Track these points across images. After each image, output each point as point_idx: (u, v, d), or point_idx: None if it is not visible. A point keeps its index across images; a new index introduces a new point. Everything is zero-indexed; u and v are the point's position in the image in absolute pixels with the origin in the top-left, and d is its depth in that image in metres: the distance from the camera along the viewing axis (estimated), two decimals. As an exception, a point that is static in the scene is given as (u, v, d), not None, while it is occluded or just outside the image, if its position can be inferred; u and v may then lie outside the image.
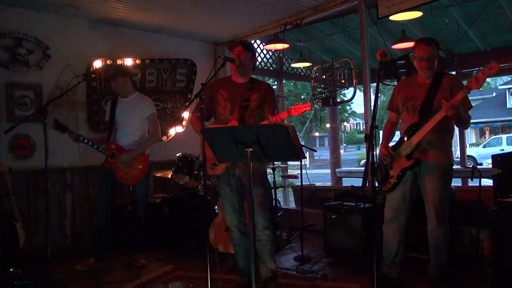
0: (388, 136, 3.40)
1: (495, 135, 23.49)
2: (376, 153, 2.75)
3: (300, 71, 8.98)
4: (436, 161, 3.08)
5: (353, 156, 24.79)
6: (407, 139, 3.12)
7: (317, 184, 7.04)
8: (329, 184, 10.20)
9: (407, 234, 3.30)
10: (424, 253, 3.72)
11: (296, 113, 3.08)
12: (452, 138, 3.23)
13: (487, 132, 25.70)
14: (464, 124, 3.05)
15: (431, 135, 3.01)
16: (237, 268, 3.56)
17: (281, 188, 6.43)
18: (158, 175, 5.06)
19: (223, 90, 3.32)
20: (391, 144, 3.34)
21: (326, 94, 5.95)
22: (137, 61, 5.50)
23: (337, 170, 9.67)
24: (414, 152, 3.08)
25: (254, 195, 2.62)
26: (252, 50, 3.37)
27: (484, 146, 20.83)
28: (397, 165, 3.19)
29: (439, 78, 3.11)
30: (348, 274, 3.73)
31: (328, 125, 9.74)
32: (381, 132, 3.66)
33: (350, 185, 4.87)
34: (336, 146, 10.00)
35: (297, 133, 2.46)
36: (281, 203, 5.97)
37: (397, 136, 3.39)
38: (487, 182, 3.94)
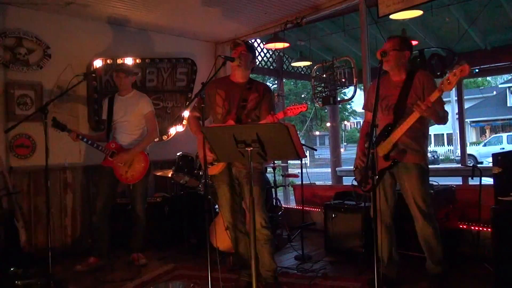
0: (365, 137, 3.42)
1: (496, 133, 23.48)
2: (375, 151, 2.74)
3: (300, 70, 8.98)
4: (412, 162, 3.08)
5: (354, 155, 24.60)
6: (384, 140, 3.12)
7: (318, 183, 7.04)
8: (329, 183, 10.21)
9: (407, 233, 3.30)
10: (422, 251, 3.72)
11: (292, 114, 3.08)
12: (427, 139, 3.25)
13: (487, 131, 25.70)
14: (442, 121, 3.06)
15: (407, 135, 3.02)
16: (237, 267, 3.56)
17: (281, 187, 6.43)
18: (158, 174, 5.07)
19: (221, 90, 3.32)
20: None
21: (326, 93, 5.94)
22: (138, 60, 5.50)
23: (337, 169, 9.68)
24: (391, 152, 3.08)
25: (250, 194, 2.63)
26: (253, 52, 3.39)
27: (485, 145, 20.83)
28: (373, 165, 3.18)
29: (411, 76, 3.11)
30: (348, 273, 3.73)
31: (328, 124, 9.76)
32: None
33: (350, 184, 4.85)
34: (337, 145, 10.00)
35: (298, 132, 2.45)
36: (282, 202, 5.97)
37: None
38: (487, 180, 3.94)
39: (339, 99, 6.14)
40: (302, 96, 24.18)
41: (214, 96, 3.33)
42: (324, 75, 5.97)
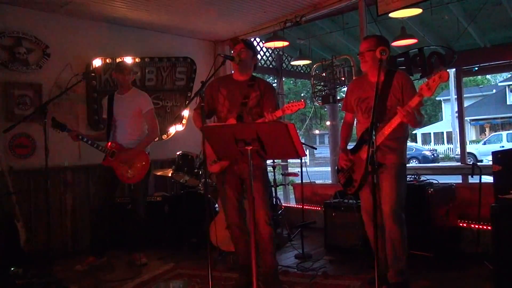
0: (346, 138, 3.42)
1: (495, 132, 23.48)
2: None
3: (300, 68, 8.98)
4: (393, 161, 3.06)
5: (353, 154, 24.68)
6: (366, 144, 3.06)
7: (318, 181, 7.04)
8: (329, 181, 10.20)
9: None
10: (422, 250, 3.74)
11: (290, 111, 3.05)
12: (407, 138, 3.25)
13: (487, 129, 25.70)
14: (419, 125, 3.05)
15: (388, 138, 2.98)
16: (238, 266, 3.56)
17: (281, 186, 6.43)
18: (158, 173, 5.07)
19: (223, 88, 3.32)
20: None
21: (326, 91, 5.94)
22: (137, 60, 5.49)
23: (337, 167, 9.64)
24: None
25: (254, 191, 2.62)
26: (254, 49, 3.37)
27: (484, 143, 20.84)
28: (358, 169, 3.15)
29: (390, 76, 3.08)
30: (348, 272, 3.73)
31: (328, 123, 9.72)
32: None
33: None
34: (336, 144, 9.94)
35: (297, 131, 2.45)
36: (282, 201, 5.97)
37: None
38: (487, 179, 3.94)
39: (338, 97, 6.12)
40: (302, 94, 24.17)
41: (216, 94, 3.33)
42: (324, 74, 5.96)
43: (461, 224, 4.12)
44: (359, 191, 3.22)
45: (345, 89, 6.52)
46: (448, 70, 2.65)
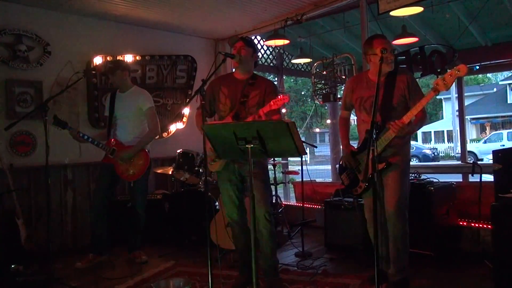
0: (347, 134, 3.41)
1: (496, 130, 23.47)
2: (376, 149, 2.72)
3: (300, 67, 8.98)
4: (399, 159, 3.06)
5: (354, 152, 24.64)
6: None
7: (318, 180, 7.04)
8: (329, 180, 10.22)
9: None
10: (422, 248, 3.74)
11: (277, 106, 3.03)
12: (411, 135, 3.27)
13: (487, 128, 25.68)
14: (419, 128, 3.08)
15: (395, 138, 2.96)
16: (238, 264, 3.57)
17: (281, 184, 6.43)
18: (159, 171, 5.07)
19: (224, 87, 3.31)
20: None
21: (326, 90, 5.95)
22: (138, 57, 5.49)
23: (337, 166, 9.66)
24: (383, 153, 3.00)
25: (254, 189, 2.62)
26: (253, 46, 3.34)
27: (485, 142, 20.85)
28: (365, 169, 3.10)
29: (392, 75, 3.07)
30: (349, 270, 3.73)
31: (328, 121, 9.74)
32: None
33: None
34: (337, 142, 9.97)
35: (298, 129, 2.45)
36: (282, 199, 5.97)
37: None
38: (487, 177, 3.94)
39: (339, 96, 6.12)
40: (302, 93, 24.19)
41: (218, 93, 3.32)
42: (324, 72, 5.96)
43: (461, 223, 4.12)
44: (366, 192, 3.19)
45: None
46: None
